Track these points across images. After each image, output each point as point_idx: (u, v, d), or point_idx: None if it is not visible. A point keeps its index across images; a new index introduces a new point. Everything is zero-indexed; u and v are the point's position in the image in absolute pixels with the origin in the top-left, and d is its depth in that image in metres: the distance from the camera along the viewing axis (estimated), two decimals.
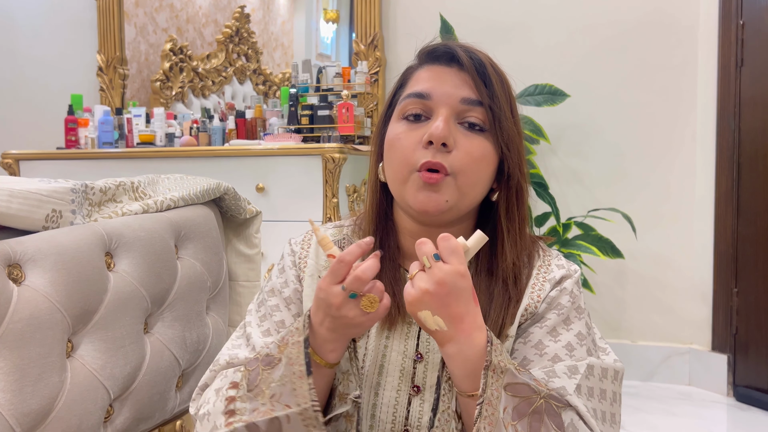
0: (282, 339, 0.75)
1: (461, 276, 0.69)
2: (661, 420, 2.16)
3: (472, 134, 0.80)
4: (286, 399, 0.70)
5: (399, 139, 0.81)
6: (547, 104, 2.35)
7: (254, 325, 0.87)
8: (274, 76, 3.14)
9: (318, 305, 0.73)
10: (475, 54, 0.82)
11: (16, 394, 0.83)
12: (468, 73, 0.81)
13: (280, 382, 0.71)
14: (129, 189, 1.16)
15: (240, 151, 2.48)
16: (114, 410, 1.00)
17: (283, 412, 0.70)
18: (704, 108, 2.45)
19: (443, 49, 0.83)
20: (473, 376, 0.70)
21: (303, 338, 0.72)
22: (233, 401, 0.74)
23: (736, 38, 2.34)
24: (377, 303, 0.70)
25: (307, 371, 0.70)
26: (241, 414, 0.73)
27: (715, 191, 2.42)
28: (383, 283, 0.82)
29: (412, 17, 2.78)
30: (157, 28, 3.24)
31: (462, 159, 0.78)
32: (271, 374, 0.73)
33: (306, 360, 0.71)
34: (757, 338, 2.31)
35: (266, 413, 0.71)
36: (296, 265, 0.89)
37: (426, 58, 0.85)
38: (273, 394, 0.71)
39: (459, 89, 0.80)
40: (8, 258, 0.86)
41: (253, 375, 0.74)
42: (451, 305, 0.69)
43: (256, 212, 1.40)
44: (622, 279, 2.56)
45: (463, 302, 0.69)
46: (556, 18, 2.61)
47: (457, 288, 0.69)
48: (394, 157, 0.82)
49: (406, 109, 0.82)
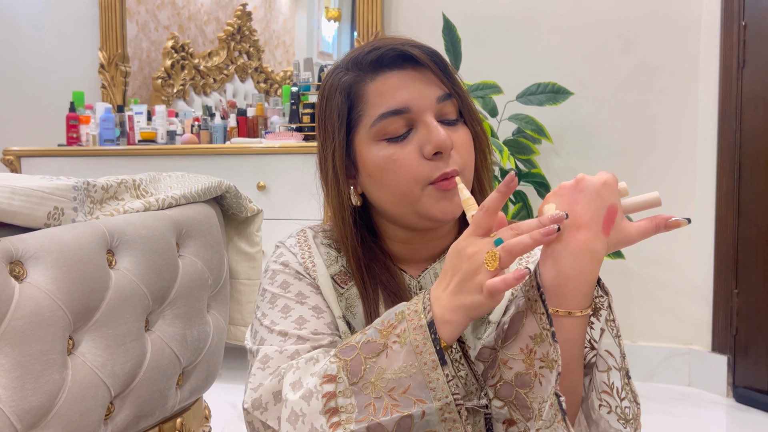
0: (383, 323, 0.67)
1: (603, 185, 0.64)
2: (661, 420, 2.16)
3: (455, 128, 0.79)
4: (417, 393, 0.62)
5: (394, 161, 0.76)
6: (550, 103, 2.35)
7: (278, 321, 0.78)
8: (276, 74, 3.14)
9: (446, 267, 0.66)
10: (425, 47, 0.79)
11: (17, 390, 0.83)
12: (428, 69, 0.78)
13: (404, 373, 0.63)
14: (131, 187, 1.16)
15: (241, 149, 2.48)
16: (115, 407, 1.00)
17: (416, 408, 0.62)
18: (705, 108, 2.45)
19: (391, 53, 0.77)
20: (558, 291, 0.64)
21: (426, 321, 0.64)
22: (333, 397, 0.65)
23: (737, 39, 2.34)
24: (497, 261, 0.60)
25: (440, 360, 0.62)
26: (347, 412, 0.64)
27: (715, 192, 2.42)
28: (387, 293, 0.80)
29: (413, 16, 2.78)
30: (158, 25, 3.24)
31: (461, 153, 0.78)
32: (377, 362, 0.64)
33: (437, 347, 0.63)
34: (757, 339, 2.31)
35: (389, 410, 0.63)
36: (307, 270, 0.83)
37: (371, 67, 0.78)
38: (392, 387, 0.63)
39: (429, 90, 0.77)
40: (10, 255, 0.86)
41: (354, 365, 0.65)
42: (579, 204, 0.63)
43: (257, 210, 1.40)
44: (623, 279, 2.56)
45: (590, 208, 0.63)
46: (558, 17, 2.60)
47: (594, 193, 0.63)
48: (392, 180, 0.77)
49: (386, 130, 0.77)
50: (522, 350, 0.65)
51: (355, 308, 0.82)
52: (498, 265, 0.60)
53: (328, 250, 0.86)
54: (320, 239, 0.88)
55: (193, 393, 1.21)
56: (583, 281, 0.64)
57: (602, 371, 0.67)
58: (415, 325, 0.64)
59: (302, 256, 0.84)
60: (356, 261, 0.82)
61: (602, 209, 0.63)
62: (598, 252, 0.63)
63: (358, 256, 0.82)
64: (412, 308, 0.66)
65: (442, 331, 0.64)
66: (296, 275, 0.82)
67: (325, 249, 0.86)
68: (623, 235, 0.65)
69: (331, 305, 0.81)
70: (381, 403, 0.63)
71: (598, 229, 0.63)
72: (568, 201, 0.63)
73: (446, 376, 0.62)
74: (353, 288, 0.83)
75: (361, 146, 0.79)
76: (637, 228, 0.65)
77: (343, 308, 0.82)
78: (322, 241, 0.87)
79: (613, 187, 0.64)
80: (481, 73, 2.58)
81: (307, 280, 0.82)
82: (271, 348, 0.76)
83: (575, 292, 0.64)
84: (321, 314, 0.79)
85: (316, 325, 0.77)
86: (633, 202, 0.67)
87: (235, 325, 1.41)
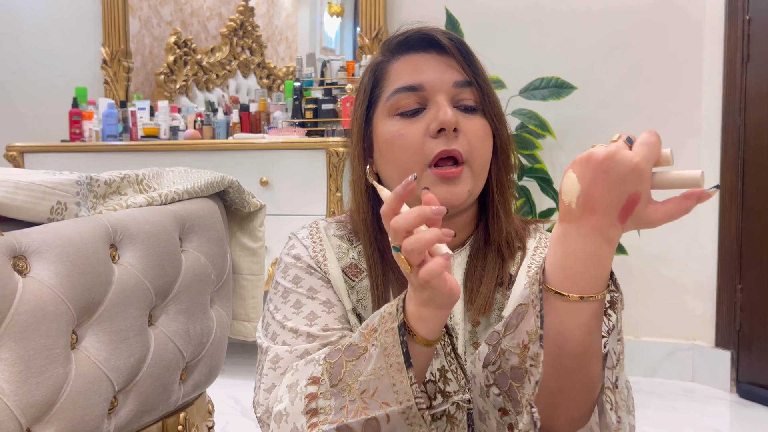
0: (367, 326, 0.67)
1: (632, 169, 0.56)
2: (664, 416, 2.16)
3: (470, 116, 0.79)
4: (383, 395, 0.62)
5: (401, 135, 0.78)
6: (553, 98, 2.34)
7: (290, 317, 0.79)
8: (278, 69, 3.14)
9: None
10: (451, 34, 0.80)
11: (21, 385, 0.83)
12: (451, 55, 0.79)
13: (373, 376, 0.63)
14: (134, 182, 1.16)
15: (244, 145, 2.48)
16: (118, 402, 1.00)
17: (381, 411, 0.62)
18: (710, 103, 2.44)
19: (418, 36, 0.80)
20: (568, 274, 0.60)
21: (397, 324, 0.63)
22: (315, 399, 0.66)
23: (742, 33, 2.32)
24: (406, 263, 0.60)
25: (406, 363, 0.62)
26: (326, 413, 0.65)
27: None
28: (400, 285, 0.80)
29: (416, 11, 2.77)
30: (161, 21, 3.24)
31: (471, 140, 0.78)
32: (356, 366, 0.65)
33: (404, 350, 0.62)
34: (760, 335, 2.31)
35: (359, 412, 0.63)
36: (318, 264, 0.83)
37: (398, 48, 0.82)
38: (364, 390, 0.63)
39: (447, 73, 0.79)
40: (13, 250, 0.87)
41: (336, 368, 0.66)
42: (599, 186, 0.57)
43: (260, 206, 1.40)
44: (626, 275, 2.56)
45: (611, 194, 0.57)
46: (561, 11, 2.60)
47: (617, 176, 0.56)
48: (398, 155, 0.78)
49: (399, 104, 0.79)
50: (519, 344, 0.64)
51: (366, 300, 0.82)
52: (412, 266, 0.59)
53: (339, 243, 0.86)
54: (333, 231, 0.88)
55: (197, 388, 1.21)
56: (596, 264, 0.59)
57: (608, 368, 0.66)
58: (387, 328, 0.64)
59: (314, 250, 0.84)
60: (370, 241, 0.82)
61: (623, 196, 0.57)
62: (612, 238, 0.59)
63: (370, 238, 0.82)
64: (387, 311, 0.66)
65: (419, 328, 0.63)
66: (308, 269, 0.83)
67: (336, 241, 0.86)
68: (644, 221, 0.59)
69: (342, 298, 0.81)
70: (353, 405, 0.63)
71: (614, 216, 0.57)
72: (589, 180, 0.57)
73: (410, 379, 0.61)
74: (364, 280, 0.83)
75: (377, 121, 0.82)
76: (663, 214, 0.58)
77: (354, 301, 0.82)
78: (334, 233, 0.87)
79: (643, 173, 0.57)
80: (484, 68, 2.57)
81: (318, 274, 0.82)
82: (282, 348, 0.77)
83: (586, 274, 0.59)
84: (332, 309, 0.80)
85: (326, 321, 0.78)
86: (669, 179, 0.58)
87: (238, 320, 1.41)
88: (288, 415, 0.67)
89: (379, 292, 0.81)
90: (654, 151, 0.58)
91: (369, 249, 0.83)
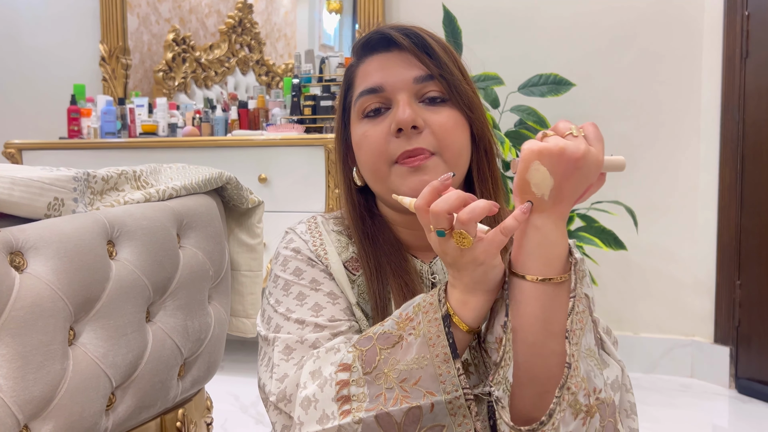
0: (401, 315, 0.67)
1: (597, 165, 0.62)
2: (663, 412, 2.16)
3: (437, 107, 0.79)
4: (428, 385, 0.63)
5: (366, 137, 0.79)
6: (552, 94, 2.34)
7: (294, 308, 0.78)
8: (277, 66, 3.13)
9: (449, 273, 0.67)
10: (410, 30, 0.80)
11: (18, 381, 0.83)
12: (409, 52, 0.79)
13: (416, 365, 0.63)
14: (131, 178, 1.16)
15: (242, 142, 2.48)
16: (116, 398, 1.00)
17: (425, 400, 0.62)
18: (708, 99, 2.44)
19: (376, 36, 0.81)
20: (545, 259, 0.64)
21: (441, 314, 0.65)
22: (346, 386, 0.65)
23: (741, 29, 2.32)
24: (469, 238, 0.62)
25: (452, 353, 0.63)
26: (359, 401, 0.64)
27: (718, 183, 2.41)
28: (396, 280, 0.80)
29: (415, 7, 2.77)
30: (159, 18, 3.23)
31: (438, 133, 0.77)
32: (392, 354, 0.65)
33: (450, 341, 0.63)
34: (759, 330, 2.31)
35: (399, 400, 0.63)
36: (318, 258, 0.82)
37: (362, 51, 0.83)
38: (404, 378, 0.63)
39: (407, 70, 0.79)
40: (10, 246, 0.86)
41: (369, 355, 0.66)
42: (570, 181, 0.62)
43: (258, 202, 1.39)
44: (625, 271, 2.56)
45: (578, 188, 0.63)
46: (560, 7, 2.59)
47: (587, 172, 0.62)
48: (366, 157, 0.80)
49: (363, 107, 0.80)
50: (496, 340, 0.66)
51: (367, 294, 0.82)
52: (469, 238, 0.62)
53: (339, 237, 0.86)
54: (331, 226, 0.87)
55: (195, 384, 1.21)
56: (563, 246, 0.64)
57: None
58: (430, 318, 0.65)
59: (313, 244, 0.84)
60: (362, 239, 0.83)
61: (584, 187, 0.64)
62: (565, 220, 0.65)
63: (362, 236, 0.83)
64: (428, 300, 0.67)
65: (466, 315, 0.65)
66: (308, 262, 0.82)
67: (336, 236, 0.86)
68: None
69: (345, 292, 0.81)
70: (392, 394, 0.63)
71: (572, 202, 0.64)
72: (561, 174, 0.62)
73: (457, 370, 0.62)
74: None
75: (352, 125, 0.84)
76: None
77: (356, 295, 0.82)
78: (332, 228, 0.87)
79: (600, 167, 0.64)
80: (483, 64, 2.57)
81: (320, 266, 0.82)
82: (291, 337, 0.76)
83: (561, 256, 0.64)
84: (336, 300, 0.79)
85: (332, 312, 0.77)
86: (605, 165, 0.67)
87: (237, 317, 1.41)
88: (317, 402, 0.66)
89: (376, 288, 0.80)
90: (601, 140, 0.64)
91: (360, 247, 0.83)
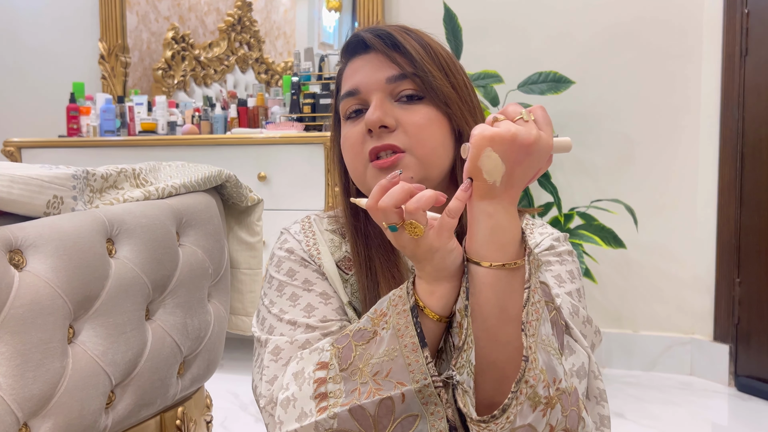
0: (375, 311, 0.69)
1: (547, 149, 0.63)
2: (662, 409, 2.16)
3: (412, 105, 0.79)
4: (398, 376, 0.64)
5: (346, 138, 0.82)
6: (551, 92, 2.34)
7: (287, 309, 0.80)
8: (276, 64, 3.13)
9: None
10: (382, 30, 0.81)
11: (17, 379, 0.83)
12: (381, 52, 0.80)
13: (386, 357, 0.65)
14: (130, 176, 1.16)
15: (242, 140, 2.48)
16: (116, 396, 1.00)
17: (396, 391, 0.64)
18: (708, 97, 2.44)
19: (354, 40, 0.83)
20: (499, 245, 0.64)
21: (409, 306, 0.65)
22: (323, 383, 0.67)
23: (740, 27, 2.32)
24: (419, 227, 0.63)
25: (420, 343, 0.64)
26: (335, 397, 0.66)
27: (718, 181, 2.41)
28: (384, 274, 0.81)
29: (415, 5, 2.77)
30: (158, 16, 3.23)
31: (409, 131, 0.78)
32: (367, 349, 0.66)
33: (418, 330, 0.64)
34: (758, 328, 2.31)
35: (372, 393, 0.64)
36: (312, 258, 0.84)
37: (346, 54, 0.85)
38: (377, 372, 0.65)
39: (380, 71, 0.80)
40: (9, 244, 0.86)
41: (345, 352, 0.67)
42: (522, 166, 0.62)
43: (257, 200, 1.39)
44: (624, 269, 2.56)
45: (528, 173, 0.63)
46: (560, 5, 2.59)
47: (538, 157, 0.63)
48: (347, 158, 0.82)
49: (345, 109, 0.83)
50: (458, 324, 0.66)
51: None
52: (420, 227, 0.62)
53: (332, 236, 0.87)
54: (324, 225, 0.88)
55: (195, 382, 1.21)
56: (516, 230, 0.65)
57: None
58: (399, 310, 0.66)
59: (307, 244, 0.85)
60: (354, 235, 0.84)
61: (534, 171, 0.65)
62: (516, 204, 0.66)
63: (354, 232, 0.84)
64: (397, 294, 0.68)
65: (433, 304, 0.66)
66: (302, 262, 0.83)
67: (329, 235, 0.87)
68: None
69: (338, 291, 0.82)
70: (366, 388, 0.65)
71: (522, 186, 0.65)
72: (513, 160, 0.62)
73: (426, 359, 0.63)
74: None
75: (342, 128, 0.85)
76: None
77: (349, 294, 0.83)
78: (326, 227, 0.88)
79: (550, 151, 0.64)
80: (483, 62, 2.57)
81: (313, 266, 0.83)
82: (282, 339, 0.77)
83: (513, 241, 0.65)
84: (329, 300, 0.80)
85: (324, 312, 0.79)
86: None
87: (236, 315, 1.41)
88: (296, 401, 0.68)
89: (367, 284, 0.81)
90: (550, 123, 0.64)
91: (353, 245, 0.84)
